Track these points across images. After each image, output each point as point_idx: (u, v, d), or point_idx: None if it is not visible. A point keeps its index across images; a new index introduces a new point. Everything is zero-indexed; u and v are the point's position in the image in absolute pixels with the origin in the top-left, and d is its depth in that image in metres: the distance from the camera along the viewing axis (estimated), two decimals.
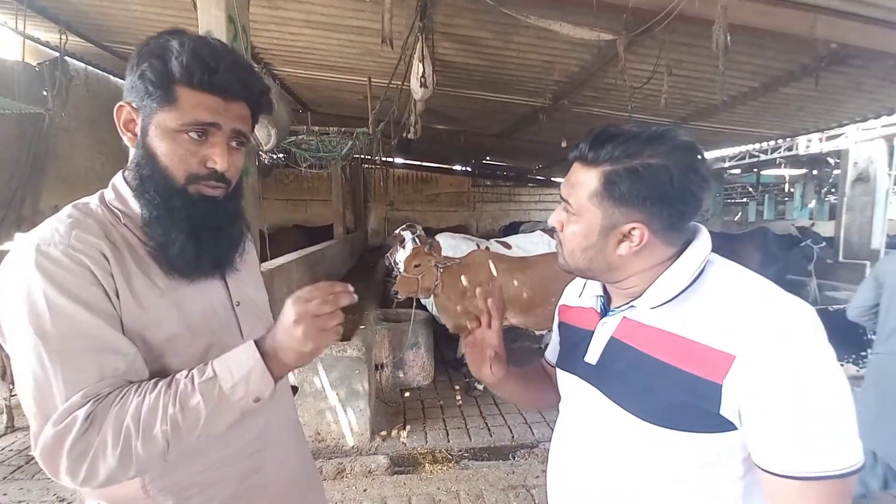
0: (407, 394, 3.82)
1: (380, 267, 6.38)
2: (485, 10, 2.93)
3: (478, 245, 4.65)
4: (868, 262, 5.94)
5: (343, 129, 4.61)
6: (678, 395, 0.65)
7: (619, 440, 0.72)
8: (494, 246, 4.69)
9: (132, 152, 0.76)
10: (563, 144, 5.32)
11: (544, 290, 3.75)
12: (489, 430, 3.26)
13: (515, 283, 3.73)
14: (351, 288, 0.69)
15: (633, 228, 0.68)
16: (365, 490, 2.56)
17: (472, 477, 2.70)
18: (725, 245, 5.23)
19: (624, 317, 0.75)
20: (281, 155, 5.52)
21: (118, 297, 0.68)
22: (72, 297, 0.64)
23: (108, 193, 0.76)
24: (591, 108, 4.90)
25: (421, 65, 3.12)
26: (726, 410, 0.62)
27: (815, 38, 2.82)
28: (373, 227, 11.27)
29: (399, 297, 3.67)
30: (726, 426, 0.63)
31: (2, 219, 4.51)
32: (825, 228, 7.72)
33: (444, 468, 2.79)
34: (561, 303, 0.95)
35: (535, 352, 4.92)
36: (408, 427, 3.24)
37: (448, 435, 3.19)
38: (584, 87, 4.25)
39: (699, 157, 0.67)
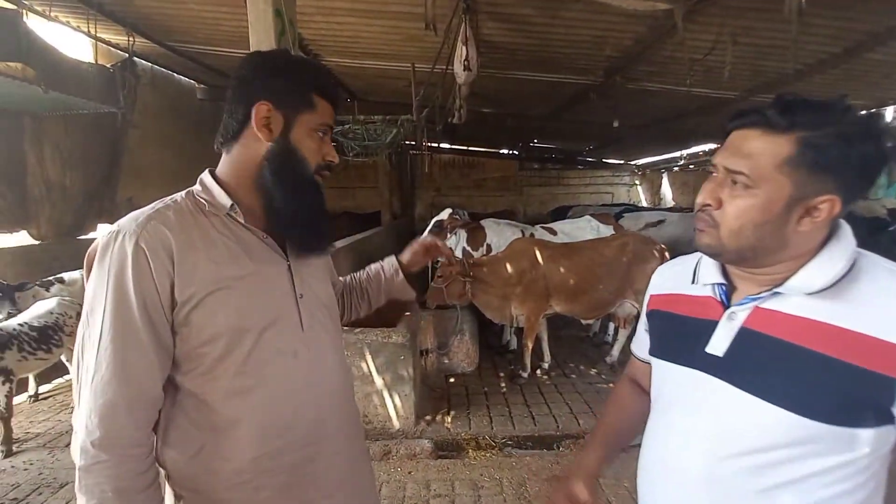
0: (451, 380, 3.86)
1: None
2: None
3: (522, 232, 4.57)
4: None
5: (388, 116, 4.64)
6: (847, 391, 0.62)
7: (757, 435, 0.68)
8: (539, 232, 4.59)
9: (239, 151, 0.87)
10: (616, 124, 5.06)
11: (591, 277, 3.63)
12: (533, 418, 3.23)
13: (561, 269, 3.63)
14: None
15: (825, 201, 0.64)
16: (410, 472, 2.62)
17: (516, 465, 2.69)
18: None
19: (756, 306, 0.70)
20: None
21: (173, 286, 0.76)
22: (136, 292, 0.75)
23: (196, 188, 0.87)
24: (645, 84, 4.62)
25: (464, 47, 3.05)
26: None
27: None
28: (419, 213, 11.35)
29: (430, 306, 3.70)
30: (887, 420, 0.62)
31: (87, 210, 4.98)
32: None
33: (488, 455, 2.80)
34: (651, 293, 0.90)
35: (583, 340, 4.80)
36: (452, 412, 3.28)
37: (492, 422, 3.19)
38: (638, 61, 4.00)
39: (886, 125, 0.66)
